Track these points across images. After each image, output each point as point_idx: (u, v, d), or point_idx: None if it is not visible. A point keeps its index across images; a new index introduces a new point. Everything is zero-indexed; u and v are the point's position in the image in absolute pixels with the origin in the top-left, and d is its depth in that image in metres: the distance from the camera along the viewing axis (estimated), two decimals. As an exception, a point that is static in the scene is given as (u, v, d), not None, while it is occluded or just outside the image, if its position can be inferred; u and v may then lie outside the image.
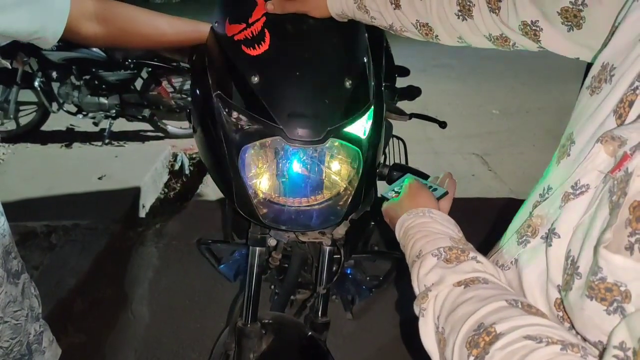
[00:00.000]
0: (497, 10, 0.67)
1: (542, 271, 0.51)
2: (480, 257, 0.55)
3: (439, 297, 0.52)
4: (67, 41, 0.83)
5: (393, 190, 0.81)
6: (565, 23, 0.60)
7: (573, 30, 0.60)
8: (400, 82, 1.44)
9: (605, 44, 0.52)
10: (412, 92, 1.29)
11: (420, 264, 0.57)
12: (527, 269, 0.53)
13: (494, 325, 0.43)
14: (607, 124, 0.47)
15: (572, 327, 0.44)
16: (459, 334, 0.46)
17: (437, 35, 0.78)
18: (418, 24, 0.78)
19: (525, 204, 0.60)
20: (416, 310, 0.54)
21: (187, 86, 3.49)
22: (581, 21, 0.59)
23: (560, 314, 0.48)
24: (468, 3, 0.70)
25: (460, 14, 0.72)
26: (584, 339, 0.42)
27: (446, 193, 0.76)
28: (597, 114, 0.49)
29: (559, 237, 0.48)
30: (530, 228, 0.54)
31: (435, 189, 0.78)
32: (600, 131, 0.47)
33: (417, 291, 0.56)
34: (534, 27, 0.64)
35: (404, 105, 1.32)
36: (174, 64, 3.24)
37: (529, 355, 0.39)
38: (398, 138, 1.93)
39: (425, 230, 0.62)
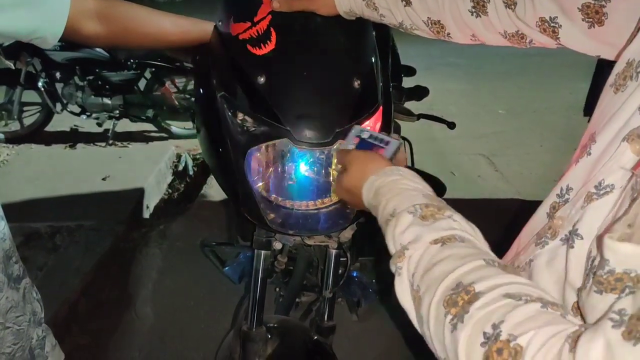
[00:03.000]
0: (512, 6, 0.65)
1: (559, 274, 0.49)
2: (456, 216, 0.54)
3: (415, 255, 0.50)
4: (70, 41, 0.81)
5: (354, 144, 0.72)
6: (586, 19, 0.58)
7: (594, 27, 0.58)
8: (407, 82, 1.42)
9: (630, 40, 0.50)
10: (420, 92, 1.27)
11: (396, 223, 0.54)
12: (544, 272, 0.51)
13: (473, 284, 0.42)
14: (632, 122, 0.45)
15: None
16: (436, 292, 0.45)
17: (449, 34, 0.75)
18: (429, 21, 0.75)
19: (542, 205, 0.58)
20: (392, 268, 0.53)
21: (190, 86, 3.49)
22: (603, 17, 0.56)
23: (578, 317, 0.46)
24: None
25: (474, 10, 0.69)
26: None
27: (400, 145, 0.69)
28: (621, 111, 0.47)
29: (582, 238, 0.46)
30: (550, 230, 0.52)
31: (387, 142, 0.70)
32: (625, 129, 0.45)
33: (392, 250, 0.55)
34: (552, 24, 0.62)
35: (410, 105, 1.30)
36: (177, 64, 3.23)
37: (510, 313, 0.38)
38: (404, 138, 1.92)
39: (397, 189, 0.59)
